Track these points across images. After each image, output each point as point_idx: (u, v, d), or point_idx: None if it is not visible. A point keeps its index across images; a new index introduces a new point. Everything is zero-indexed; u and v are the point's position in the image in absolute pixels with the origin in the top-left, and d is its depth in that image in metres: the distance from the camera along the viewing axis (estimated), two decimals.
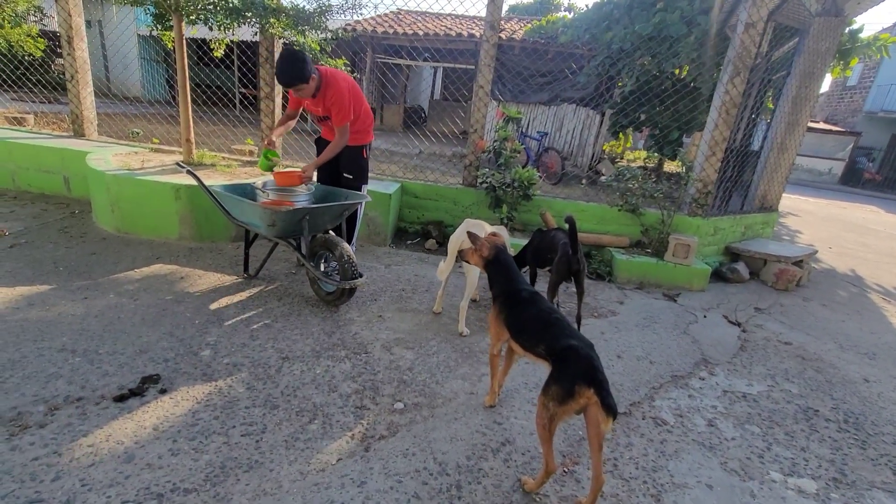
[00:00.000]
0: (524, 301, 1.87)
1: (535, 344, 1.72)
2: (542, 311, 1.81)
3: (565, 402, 1.51)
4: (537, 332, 1.74)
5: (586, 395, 1.48)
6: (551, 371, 1.61)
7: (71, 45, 4.57)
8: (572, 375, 1.52)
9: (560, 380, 1.54)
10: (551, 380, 1.57)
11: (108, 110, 8.78)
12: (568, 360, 1.58)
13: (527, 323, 1.80)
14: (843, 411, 2.44)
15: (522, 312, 1.84)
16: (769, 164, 5.10)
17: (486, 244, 2.00)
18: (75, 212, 4.04)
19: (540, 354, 1.70)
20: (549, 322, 1.75)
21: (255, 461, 1.65)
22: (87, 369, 2.02)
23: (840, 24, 4.76)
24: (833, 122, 19.49)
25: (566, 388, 1.51)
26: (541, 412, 1.56)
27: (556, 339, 1.66)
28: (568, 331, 1.70)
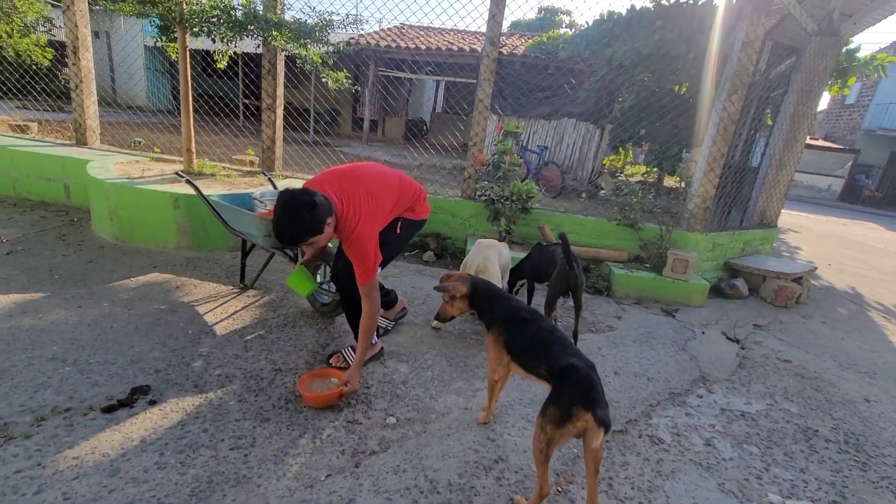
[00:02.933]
0: (524, 321, 1.81)
1: (538, 364, 1.68)
2: (543, 330, 1.76)
3: (563, 424, 1.46)
4: (539, 351, 1.70)
5: (584, 418, 1.43)
6: (551, 392, 1.56)
7: (76, 55, 4.63)
8: (570, 396, 1.47)
9: (558, 400, 1.49)
10: (550, 401, 1.52)
11: (112, 119, 8.86)
12: (567, 379, 1.53)
13: (529, 343, 1.75)
14: (844, 432, 2.40)
15: (523, 332, 1.78)
16: (768, 179, 5.11)
17: (454, 284, 1.88)
18: (74, 220, 4.05)
19: (542, 375, 1.66)
20: (551, 341, 1.71)
21: (243, 476, 1.62)
22: (77, 379, 2.00)
23: (836, 43, 4.82)
24: (832, 140, 19.62)
25: (563, 410, 1.46)
26: (538, 435, 1.51)
27: (556, 357, 1.62)
28: (570, 350, 1.67)
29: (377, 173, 2.29)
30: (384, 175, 2.31)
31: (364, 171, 2.25)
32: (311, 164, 6.21)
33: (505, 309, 1.87)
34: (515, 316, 1.84)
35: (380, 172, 2.31)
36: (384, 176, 2.31)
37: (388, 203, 2.26)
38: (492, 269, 2.82)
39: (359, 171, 2.25)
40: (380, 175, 2.28)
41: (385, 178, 2.30)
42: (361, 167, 2.30)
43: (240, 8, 3.56)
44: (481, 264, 2.80)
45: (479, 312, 1.94)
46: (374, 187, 2.17)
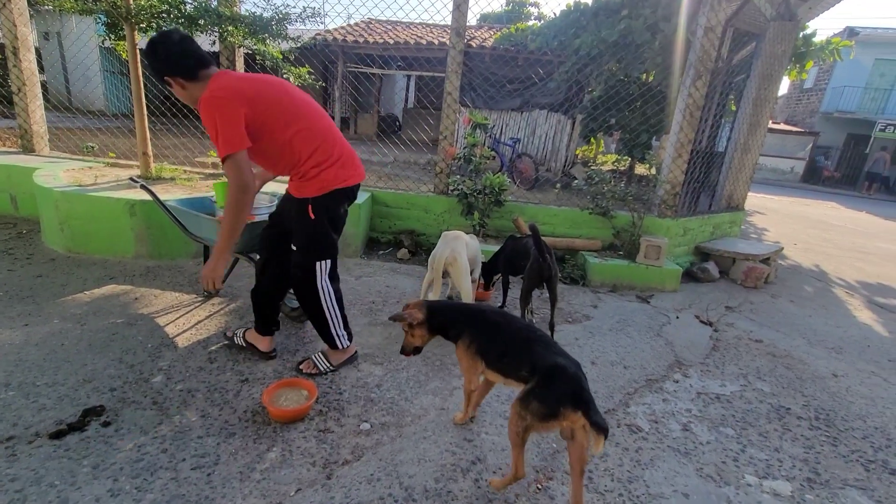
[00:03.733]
0: (495, 325, 1.72)
1: (519, 367, 1.61)
2: (520, 331, 1.69)
3: (546, 420, 1.45)
4: (520, 353, 1.62)
5: (572, 418, 1.41)
6: (534, 385, 1.51)
7: (17, 57, 4.34)
8: (558, 396, 1.44)
9: (544, 399, 1.46)
10: (532, 395, 1.48)
11: (69, 125, 8.42)
12: (554, 378, 1.49)
13: (505, 347, 1.66)
14: (814, 408, 2.45)
15: (497, 336, 1.69)
16: (734, 164, 5.21)
17: (410, 312, 1.76)
18: (22, 232, 3.81)
19: (522, 378, 1.60)
20: (532, 340, 1.65)
21: (206, 497, 1.52)
22: (22, 404, 1.86)
23: (794, 27, 4.93)
24: (793, 123, 20.32)
25: (550, 409, 1.44)
26: (516, 420, 1.49)
27: (541, 357, 1.56)
28: (555, 349, 1.62)
29: (309, 102, 2.02)
30: (315, 108, 2.02)
31: (298, 94, 2.01)
32: None
33: (471, 317, 1.77)
34: (485, 321, 1.74)
35: (313, 105, 2.03)
36: (315, 107, 2.02)
37: (289, 118, 1.90)
38: (460, 260, 2.76)
39: (295, 93, 2.00)
40: (309, 102, 2.01)
41: (314, 109, 2.01)
42: (304, 97, 2.02)
43: (190, 2, 3.39)
44: (450, 256, 2.74)
45: (444, 333, 1.81)
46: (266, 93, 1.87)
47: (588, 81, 8.19)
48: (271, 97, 1.89)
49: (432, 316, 1.78)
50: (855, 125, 18.06)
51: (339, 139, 2.06)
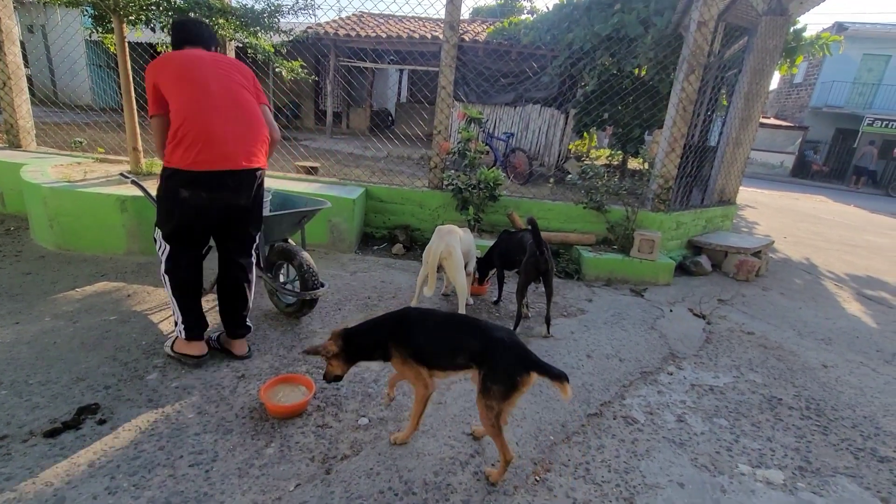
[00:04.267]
0: (418, 321, 1.72)
1: (454, 356, 1.64)
2: (443, 323, 1.73)
3: (511, 395, 1.54)
4: (451, 343, 1.65)
5: (528, 381, 1.54)
6: (484, 373, 1.57)
7: (2, 50, 4.24)
8: (510, 369, 1.54)
9: (500, 379, 1.54)
10: (489, 381, 1.55)
11: (55, 119, 8.26)
12: (497, 355, 1.57)
13: (435, 341, 1.68)
14: (805, 398, 2.49)
15: (423, 333, 1.69)
16: (726, 158, 5.25)
17: (325, 345, 1.72)
18: (10, 229, 3.74)
19: (460, 365, 1.64)
20: (460, 328, 1.70)
21: (204, 493, 1.52)
22: (14, 403, 1.83)
23: (785, 22, 4.96)
24: (783, 118, 20.51)
25: (510, 383, 1.53)
26: (486, 414, 1.57)
27: (474, 339, 1.62)
28: (482, 325, 1.68)
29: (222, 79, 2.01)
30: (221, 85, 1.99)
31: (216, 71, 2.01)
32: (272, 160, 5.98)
33: (392, 327, 1.73)
34: (406, 324, 1.72)
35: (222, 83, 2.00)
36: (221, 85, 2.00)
37: (183, 91, 1.93)
38: (455, 254, 2.77)
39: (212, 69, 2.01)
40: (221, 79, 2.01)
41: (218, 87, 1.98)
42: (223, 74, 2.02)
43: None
44: (444, 251, 2.74)
45: (370, 355, 1.75)
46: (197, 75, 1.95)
47: (581, 76, 8.20)
48: (181, 72, 1.96)
49: (349, 343, 1.71)
50: (843, 120, 18.27)
51: (219, 120, 1.95)
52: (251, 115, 2.05)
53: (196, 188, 1.96)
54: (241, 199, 2.07)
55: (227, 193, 2.02)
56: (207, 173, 1.94)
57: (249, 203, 2.11)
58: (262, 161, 2.11)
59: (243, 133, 2.01)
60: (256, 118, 2.07)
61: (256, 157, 2.06)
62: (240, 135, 2.00)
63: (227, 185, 2.00)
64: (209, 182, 1.96)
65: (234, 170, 1.99)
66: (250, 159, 2.03)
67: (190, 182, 1.95)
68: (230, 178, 2.00)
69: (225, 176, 1.98)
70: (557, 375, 1.51)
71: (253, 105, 2.08)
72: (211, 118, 1.94)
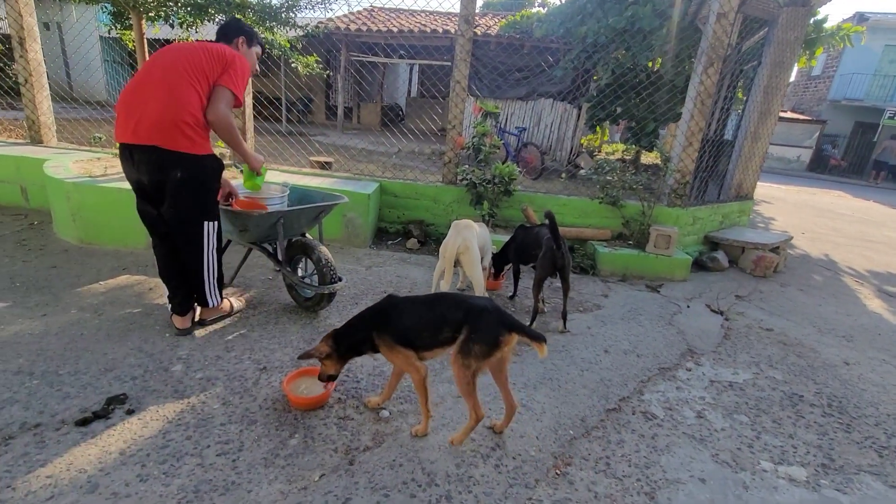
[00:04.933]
0: (397, 307, 1.78)
1: (437, 332, 1.71)
2: (424, 301, 1.82)
3: (490, 354, 1.62)
4: (434, 319, 1.72)
5: (509, 340, 1.63)
6: (466, 335, 1.64)
7: (23, 47, 4.31)
8: (492, 329, 1.63)
9: (482, 338, 1.62)
10: (470, 341, 1.63)
11: (71, 115, 8.39)
12: (480, 318, 1.65)
13: (417, 321, 1.75)
14: (827, 395, 2.47)
15: (405, 315, 1.76)
16: (744, 153, 5.17)
17: (317, 347, 1.81)
18: (34, 223, 3.82)
19: (447, 340, 1.71)
20: (438, 302, 1.78)
21: (232, 482, 1.55)
22: (46, 392, 1.88)
23: (806, 13, 4.85)
24: (800, 111, 20.10)
25: (491, 341, 1.62)
26: (462, 373, 1.64)
27: (456, 310, 1.69)
28: (462, 297, 1.78)
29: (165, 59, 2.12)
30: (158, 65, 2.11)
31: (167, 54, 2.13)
32: (286, 155, 6.02)
33: (371, 318, 1.80)
34: (387, 312, 1.78)
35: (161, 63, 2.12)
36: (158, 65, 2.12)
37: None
38: (472, 249, 2.77)
39: (164, 53, 2.15)
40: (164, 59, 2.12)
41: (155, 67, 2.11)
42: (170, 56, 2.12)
43: None
44: (462, 245, 2.75)
45: (359, 349, 1.83)
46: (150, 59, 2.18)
47: (594, 69, 8.10)
48: (148, 60, 2.19)
49: (339, 343, 1.79)
50: (863, 113, 17.85)
51: (137, 99, 2.05)
52: (172, 97, 2.02)
53: (122, 159, 2.17)
54: (142, 176, 2.14)
55: (129, 167, 2.15)
56: (120, 145, 2.12)
57: (153, 181, 2.13)
58: (166, 142, 2.04)
59: (156, 111, 2.02)
60: (176, 99, 2.02)
61: (160, 136, 2.03)
62: (151, 112, 2.02)
63: (131, 159, 2.12)
64: (122, 154, 2.14)
65: (133, 143, 2.06)
66: (151, 137, 2.03)
67: (124, 152, 2.13)
68: (135, 151, 2.08)
69: (129, 149, 2.09)
70: (536, 337, 1.63)
71: (179, 87, 2.03)
72: (130, 96, 2.07)
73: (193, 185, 2.17)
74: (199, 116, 2.07)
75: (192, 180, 2.16)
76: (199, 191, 2.22)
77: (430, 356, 1.79)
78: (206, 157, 2.17)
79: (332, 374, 1.86)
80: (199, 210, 2.25)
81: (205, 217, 2.27)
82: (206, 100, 2.10)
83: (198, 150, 2.11)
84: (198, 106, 2.07)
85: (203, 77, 2.07)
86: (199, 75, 2.07)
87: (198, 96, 2.06)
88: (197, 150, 2.11)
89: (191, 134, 2.06)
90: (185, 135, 2.05)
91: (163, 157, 2.06)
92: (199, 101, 2.07)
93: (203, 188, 2.23)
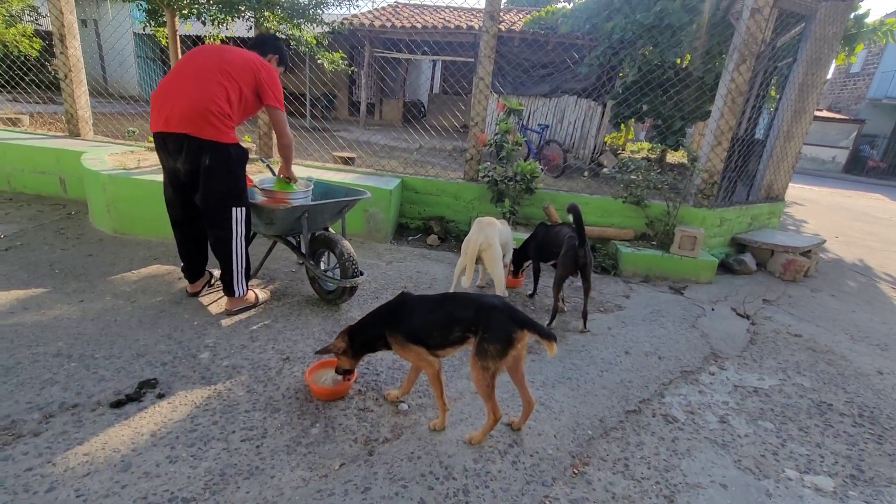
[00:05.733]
0: (409, 305, 1.81)
1: (449, 330, 1.71)
2: (435, 300, 1.81)
3: (506, 353, 1.62)
4: (444, 318, 1.73)
5: (521, 336, 1.63)
6: (480, 336, 1.65)
7: (64, 44, 4.49)
8: (505, 327, 1.63)
9: (496, 338, 1.63)
10: (485, 342, 1.63)
11: (105, 109, 8.70)
12: (491, 317, 1.65)
13: (428, 319, 1.76)
14: (858, 405, 2.38)
15: (416, 314, 1.78)
16: (775, 152, 5.01)
17: (334, 343, 1.87)
18: (71, 213, 3.99)
19: (458, 339, 1.71)
20: (449, 301, 1.78)
21: (256, 467, 1.60)
22: (83, 375, 1.98)
23: (847, 8, 4.66)
24: (836, 110, 19.30)
25: (505, 340, 1.62)
26: (482, 375, 1.65)
27: (467, 309, 1.70)
28: (473, 296, 1.76)
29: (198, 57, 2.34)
30: (191, 63, 2.32)
31: (199, 54, 2.35)
32: (310, 150, 6.11)
33: (384, 317, 1.83)
34: (399, 311, 1.80)
35: (195, 60, 2.33)
36: (191, 62, 2.32)
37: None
38: (494, 246, 2.78)
39: (197, 53, 2.36)
40: (197, 57, 2.34)
41: (188, 65, 2.31)
42: (202, 55, 2.34)
43: None
44: (484, 242, 2.75)
45: (373, 347, 1.88)
46: (184, 58, 2.38)
47: (620, 66, 7.96)
48: (181, 59, 2.36)
49: (353, 339, 1.85)
50: None
51: (171, 90, 2.24)
52: (200, 90, 2.20)
53: (157, 148, 2.34)
54: (177, 164, 2.30)
55: (164, 155, 2.32)
56: (154, 134, 2.29)
57: (186, 169, 2.29)
58: (195, 130, 2.20)
59: (186, 103, 2.19)
60: (204, 93, 2.20)
61: (190, 125, 2.19)
62: (182, 104, 2.20)
63: (165, 148, 2.29)
64: (157, 142, 2.31)
65: (166, 132, 2.22)
66: (182, 125, 2.19)
67: (158, 141, 2.30)
68: (168, 139, 2.25)
69: (163, 137, 2.26)
70: (546, 335, 1.63)
71: (209, 83, 2.21)
72: (164, 90, 2.25)
73: (221, 171, 2.31)
74: (224, 108, 2.23)
75: (221, 166, 2.30)
76: (227, 176, 2.35)
77: (443, 355, 1.80)
78: (231, 146, 2.31)
79: (348, 370, 1.92)
80: (227, 195, 2.38)
81: (233, 202, 2.40)
82: (232, 96, 2.26)
83: (224, 138, 2.27)
84: (224, 99, 2.23)
85: (230, 78, 2.26)
86: (228, 75, 2.25)
87: (225, 92, 2.23)
88: (223, 138, 2.26)
89: (217, 123, 2.22)
90: (212, 124, 2.21)
91: (192, 143, 2.22)
92: (226, 96, 2.24)
93: (230, 174, 2.36)
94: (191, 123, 2.19)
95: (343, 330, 1.88)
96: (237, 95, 2.27)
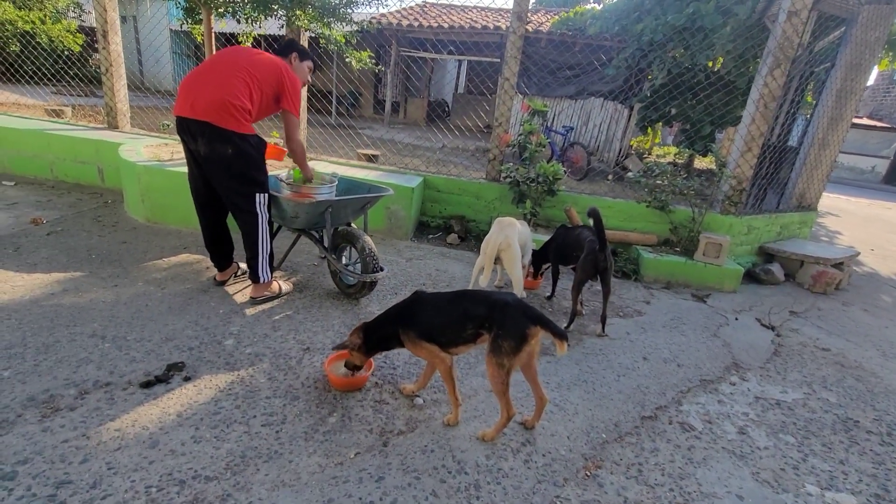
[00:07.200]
0: (422, 304, 1.83)
1: (462, 328, 1.73)
2: (448, 298, 1.82)
3: (520, 349, 1.63)
4: (457, 315, 1.74)
5: (535, 332, 1.65)
6: (494, 333, 1.67)
7: (106, 39, 4.69)
8: (518, 323, 1.65)
9: (509, 334, 1.64)
10: (499, 339, 1.65)
11: (141, 103, 9.05)
12: (505, 314, 1.67)
13: (441, 317, 1.78)
14: (887, 423, 2.30)
15: (429, 312, 1.80)
16: (809, 160, 4.85)
17: (350, 339, 1.89)
18: (108, 202, 4.17)
19: (471, 337, 1.73)
20: (462, 298, 1.79)
21: (275, 452, 1.65)
22: (116, 355, 2.08)
23: (891, 11, 4.48)
24: (878, 118, 18.47)
25: (519, 336, 1.63)
26: (497, 372, 1.67)
27: (480, 306, 1.71)
28: (486, 293, 1.79)
29: (226, 53, 2.53)
30: (220, 57, 2.52)
31: (228, 51, 2.54)
32: (335, 147, 6.22)
33: (397, 315, 1.86)
34: (412, 309, 1.83)
35: (224, 54, 2.52)
36: (220, 56, 2.53)
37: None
38: (513, 247, 2.78)
39: (226, 51, 2.55)
40: (226, 53, 2.53)
41: (217, 58, 2.51)
42: (230, 51, 2.53)
43: None
44: (503, 243, 2.76)
45: (386, 344, 1.90)
46: (216, 55, 2.56)
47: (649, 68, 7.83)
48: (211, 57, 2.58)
49: (368, 337, 1.87)
50: None
51: (198, 81, 2.40)
52: (224, 84, 2.35)
53: (178, 131, 2.48)
54: (199, 147, 2.42)
55: (187, 137, 2.44)
56: (178, 118, 2.42)
57: (206, 155, 2.42)
58: (217, 119, 2.34)
59: (211, 94, 2.34)
60: (228, 87, 2.35)
61: (213, 114, 2.33)
62: (207, 94, 2.34)
63: (188, 131, 2.42)
64: (179, 126, 2.44)
65: (190, 117, 2.36)
66: (206, 113, 2.33)
67: (180, 125, 2.43)
68: (191, 124, 2.38)
69: (186, 122, 2.39)
70: (558, 332, 1.65)
71: (233, 79, 2.37)
72: (191, 81, 2.41)
73: (243, 158, 2.45)
74: (245, 104, 2.39)
75: (242, 154, 2.44)
76: (249, 164, 2.48)
77: (456, 353, 1.82)
78: (249, 136, 2.46)
79: (357, 366, 1.96)
80: (250, 181, 2.51)
81: (256, 188, 2.53)
82: (254, 95, 2.42)
83: (243, 129, 2.42)
84: (246, 96, 2.39)
85: (254, 78, 2.42)
86: (252, 76, 2.41)
87: (248, 89, 2.40)
88: (243, 129, 2.41)
89: (237, 116, 2.37)
90: (233, 116, 2.36)
91: (214, 132, 2.37)
92: (248, 93, 2.40)
93: (252, 161, 2.50)
94: (214, 113, 2.33)
95: (358, 326, 1.92)
96: (259, 95, 2.44)
